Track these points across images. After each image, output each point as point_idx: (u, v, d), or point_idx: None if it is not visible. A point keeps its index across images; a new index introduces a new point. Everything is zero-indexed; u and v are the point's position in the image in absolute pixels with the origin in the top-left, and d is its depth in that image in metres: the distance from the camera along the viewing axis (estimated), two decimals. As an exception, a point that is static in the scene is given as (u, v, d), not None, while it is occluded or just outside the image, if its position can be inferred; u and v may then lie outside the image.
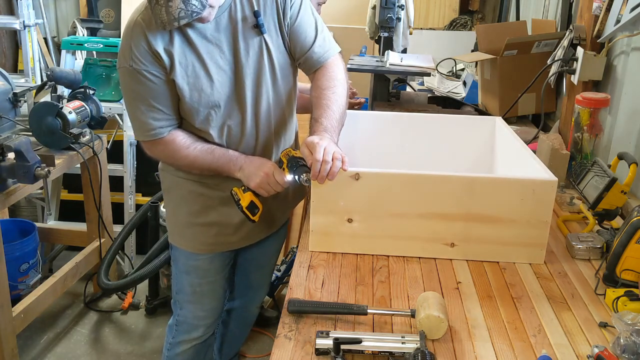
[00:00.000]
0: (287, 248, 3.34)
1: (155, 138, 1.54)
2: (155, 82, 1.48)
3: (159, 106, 1.51)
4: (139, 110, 1.52)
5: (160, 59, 1.46)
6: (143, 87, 1.48)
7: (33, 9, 3.49)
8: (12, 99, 2.47)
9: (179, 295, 1.82)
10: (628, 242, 1.36)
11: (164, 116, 1.52)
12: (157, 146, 1.57)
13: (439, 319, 1.16)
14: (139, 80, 1.48)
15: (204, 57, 1.49)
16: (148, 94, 1.49)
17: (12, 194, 2.17)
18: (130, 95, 1.53)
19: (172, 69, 1.47)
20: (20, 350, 2.43)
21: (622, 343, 1.14)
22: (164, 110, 1.52)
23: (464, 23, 4.07)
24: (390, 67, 2.51)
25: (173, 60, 1.46)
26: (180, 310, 1.83)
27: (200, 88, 1.50)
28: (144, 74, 1.47)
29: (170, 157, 1.59)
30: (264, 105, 1.60)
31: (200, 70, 1.49)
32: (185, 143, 1.55)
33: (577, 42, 2.17)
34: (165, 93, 1.50)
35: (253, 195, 1.52)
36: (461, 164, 1.92)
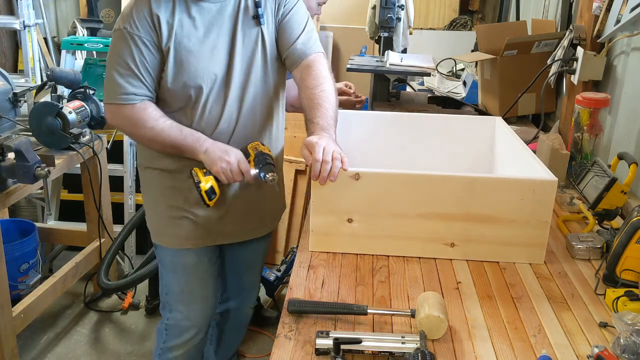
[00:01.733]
0: (287, 248, 3.34)
1: (127, 102, 1.52)
2: (144, 50, 1.49)
3: (140, 73, 1.51)
4: (117, 73, 1.51)
5: (159, 28, 1.48)
6: (129, 51, 1.49)
7: (33, 9, 3.49)
8: (12, 99, 2.47)
9: (168, 296, 1.80)
10: (628, 242, 1.36)
11: (141, 84, 1.52)
12: (124, 112, 1.53)
13: (439, 319, 1.16)
14: (128, 44, 1.49)
15: (201, 35, 1.52)
16: (132, 59, 1.49)
17: (12, 194, 2.17)
18: (114, 58, 1.52)
19: (168, 39, 1.49)
20: (20, 350, 2.43)
21: (622, 343, 1.14)
22: (144, 78, 1.52)
23: (464, 23, 4.08)
24: (390, 67, 2.51)
25: (171, 32, 1.49)
26: (170, 314, 1.81)
27: (189, 63, 1.51)
28: (135, 38, 1.48)
29: (133, 125, 1.55)
30: (250, 95, 1.61)
31: (194, 46, 1.51)
32: (154, 115, 1.53)
33: (577, 42, 2.17)
34: (151, 63, 1.51)
35: (214, 180, 1.52)
36: (461, 164, 1.92)
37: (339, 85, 2.71)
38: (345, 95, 2.62)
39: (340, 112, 2.06)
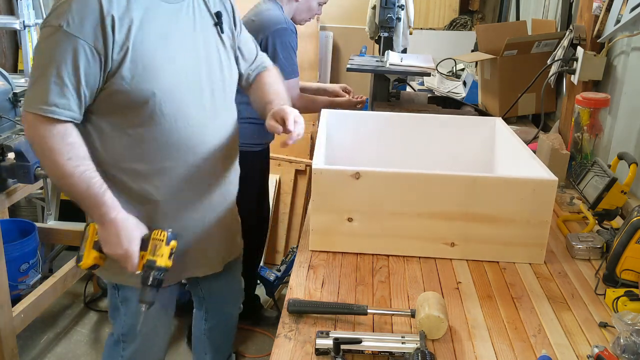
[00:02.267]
0: (287, 248, 3.34)
1: (51, 116, 1.27)
2: (83, 59, 1.26)
3: (74, 86, 1.27)
4: (48, 77, 1.26)
5: (111, 30, 1.26)
6: (66, 57, 1.25)
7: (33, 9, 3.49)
8: (12, 99, 2.46)
9: (126, 337, 1.61)
10: (628, 242, 1.36)
11: (73, 100, 1.28)
12: (43, 128, 1.28)
13: (439, 319, 1.16)
14: (66, 47, 1.24)
15: (162, 36, 1.35)
16: (68, 67, 1.25)
17: (12, 194, 2.17)
18: (44, 58, 1.27)
19: (125, 42, 1.28)
20: (20, 350, 2.43)
21: (622, 343, 1.14)
22: (77, 94, 1.28)
23: (464, 23, 4.07)
24: (390, 67, 2.51)
25: (128, 33, 1.28)
26: (124, 351, 1.63)
27: (152, 66, 1.33)
28: (76, 43, 1.24)
29: (47, 150, 1.29)
30: (216, 99, 1.50)
31: (157, 48, 1.33)
32: (76, 152, 1.31)
33: (577, 42, 2.17)
34: (91, 76, 1.28)
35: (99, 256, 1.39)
36: (461, 164, 1.92)
37: (335, 88, 2.72)
38: (343, 97, 2.63)
39: (341, 112, 2.07)
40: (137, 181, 1.43)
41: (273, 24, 2.24)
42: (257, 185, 2.55)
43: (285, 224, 3.40)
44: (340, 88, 2.71)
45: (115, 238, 1.36)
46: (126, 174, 1.43)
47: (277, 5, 2.33)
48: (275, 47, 2.24)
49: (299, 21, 2.47)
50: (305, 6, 2.40)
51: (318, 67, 3.72)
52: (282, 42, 2.24)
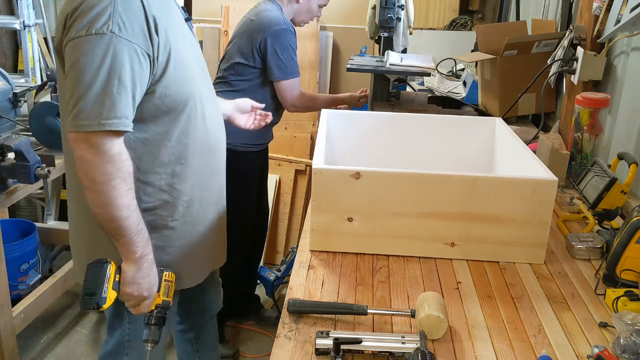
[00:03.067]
0: (287, 248, 3.34)
1: (123, 129, 1.19)
2: (141, 61, 1.20)
3: (133, 93, 1.20)
4: (111, 87, 1.16)
5: (155, 32, 1.22)
6: (124, 63, 1.18)
7: (33, 9, 3.49)
8: (12, 99, 2.47)
9: (132, 343, 1.53)
10: (628, 242, 1.36)
11: (133, 108, 1.22)
12: (110, 148, 1.19)
13: (439, 319, 1.16)
14: (122, 53, 1.17)
15: (182, 32, 1.34)
16: (127, 73, 1.18)
17: (12, 194, 2.17)
18: (100, 67, 1.16)
19: (166, 44, 1.24)
20: (20, 350, 2.43)
21: (622, 343, 1.14)
22: (134, 99, 1.22)
23: (464, 23, 4.07)
24: (390, 67, 2.52)
25: (167, 34, 1.25)
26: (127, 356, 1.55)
27: (184, 68, 1.30)
28: (130, 46, 1.18)
29: (110, 176, 1.20)
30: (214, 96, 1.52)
31: (182, 47, 1.31)
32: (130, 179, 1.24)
33: (577, 42, 2.17)
34: (144, 80, 1.23)
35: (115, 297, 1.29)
36: (461, 164, 1.92)
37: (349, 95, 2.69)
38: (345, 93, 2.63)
39: (340, 112, 2.08)
40: (172, 185, 1.39)
41: (272, 24, 2.25)
42: (256, 184, 2.55)
43: (285, 224, 3.40)
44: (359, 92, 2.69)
45: (143, 279, 1.30)
46: (159, 180, 1.37)
47: (276, 6, 2.33)
48: (275, 47, 2.24)
49: (299, 22, 2.47)
50: (306, 8, 2.41)
51: (318, 67, 3.72)
52: (281, 43, 2.25)
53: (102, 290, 1.24)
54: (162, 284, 1.36)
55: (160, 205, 1.39)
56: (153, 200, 1.37)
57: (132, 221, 1.25)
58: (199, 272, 1.57)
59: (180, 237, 1.45)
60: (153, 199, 1.37)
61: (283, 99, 2.37)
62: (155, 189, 1.37)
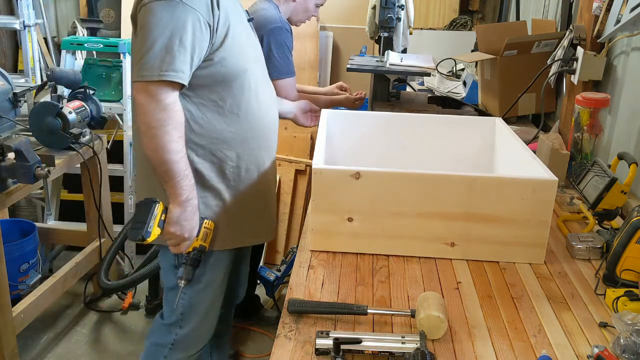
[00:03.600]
0: (287, 248, 3.34)
1: (178, 81, 1.36)
2: (199, 32, 1.37)
3: (191, 54, 1.37)
4: (172, 45, 1.34)
5: (215, 3, 1.40)
6: (186, 26, 1.35)
7: (33, 9, 3.49)
8: (12, 99, 2.47)
9: (185, 314, 1.65)
10: (628, 242, 1.36)
11: (189, 67, 1.38)
12: (165, 97, 1.36)
13: (439, 319, 1.16)
14: (185, 17, 1.35)
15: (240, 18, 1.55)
16: (187, 37, 1.35)
17: (12, 194, 2.17)
18: (163, 28, 1.34)
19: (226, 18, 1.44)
20: (20, 350, 2.43)
21: (622, 343, 1.14)
22: (192, 61, 1.38)
23: (464, 23, 4.07)
24: (390, 67, 2.51)
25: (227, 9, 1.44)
26: (181, 329, 1.67)
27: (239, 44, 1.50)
28: (193, 12, 1.35)
29: (162, 123, 1.37)
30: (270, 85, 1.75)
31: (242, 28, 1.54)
32: (182, 128, 1.40)
33: (577, 42, 2.17)
34: (203, 46, 1.40)
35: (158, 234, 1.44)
36: (461, 164, 1.92)
37: (330, 88, 2.71)
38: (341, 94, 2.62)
39: (341, 112, 2.07)
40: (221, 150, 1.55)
41: (268, 22, 2.24)
42: None
43: (285, 224, 3.40)
44: (336, 87, 2.71)
45: (185, 221, 1.45)
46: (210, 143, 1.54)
47: (273, 4, 2.32)
48: (270, 46, 2.23)
49: (296, 22, 2.46)
50: (302, 7, 2.40)
51: (318, 67, 3.72)
52: (277, 41, 2.23)
53: (148, 225, 1.40)
54: (202, 230, 1.50)
55: (209, 166, 1.55)
56: (202, 162, 1.54)
57: (180, 165, 1.41)
58: (234, 239, 1.67)
59: (224, 200, 1.60)
60: (202, 160, 1.54)
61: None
62: (205, 151, 1.54)
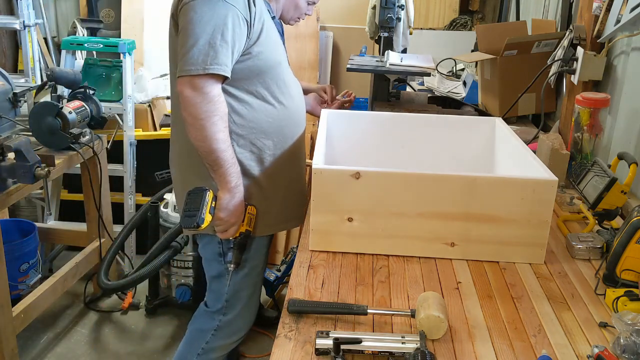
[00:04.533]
0: (287, 248, 3.34)
1: (223, 74, 1.45)
2: (239, 28, 1.46)
3: (232, 48, 1.45)
4: (215, 40, 1.42)
5: (252, 1, 1.50)
6: (226, 21, 1.43)
7: (33, 9, 3.49)
8: (12, 99, 2.46)
9: (230, 301, 1.73)
10: (628, 242, 1.36)
11: (231, 60, 1.47)
12: (211, 90, 1.44)
13: (439, 319, 1.16)
14: (225, 13, 1.43)
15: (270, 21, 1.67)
16: (228, 30, 1.44)
17: (12, 194, 2.17)
18: (206, 23, 1.43)
19: (261, 13, 1.53)
20: (20, 350, 2.43)
21: (622, 343, 1.14)
22: (233, 55, 1.47)
23: (464, 23, 4.07)
24: (390, 67, 2.51)
25: (261, 6, 1.55)
26: (225, 316, 1.75)
27: (276, 40, 1.64)
28: (232, 9, 1.44)
29: (209, 114, 1.45)
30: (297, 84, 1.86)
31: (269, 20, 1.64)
32: (226, 119, 1.50)
33: (577, 42, 2.17)
34: (242, 40, 1.49)
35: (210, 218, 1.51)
36: (461, 164, 1.92)
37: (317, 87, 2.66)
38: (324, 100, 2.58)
39: (341, 112, 2.07)
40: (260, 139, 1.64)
41: None
42: None
43: (286, 224, 3.39)
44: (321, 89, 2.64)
45: (234, 207, 1.53)
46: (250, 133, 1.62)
47: (264, 2, 2.30)
48: None
49: (288, 20, 2.43)
50: (292, 4, 2.37)
51: (318, 67, 3.72)
52: None
53: (201, 212, 1.45)
54: (246, 215, 1.59)
55: (249, 156, 1.63)
56: (243, 151, 1.62)
57: (228, 154, 1.50)
58: (273, 225, 1.76)
59: (262, 187, 1.68)
60: (243, 150, 1.62)
61: None
62: (245, 141, 1.62)
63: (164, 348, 2.67)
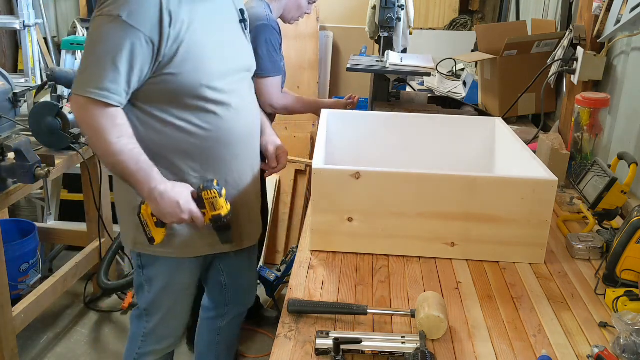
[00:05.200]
0: (287, 248, 3.34)
1: (104, 100, 1.35)
2: (140, 50, 1.34)
3: (127, 75, 1.35)
4: (103, 63, 1.34)
5: (168, 23, 1.35)
6: (122, 47, 1.33)
7: (33, 9, 3.49)
8: (12, 99, 2.46)
9: (149, 311, 1.70)
10: (628, 242, 1.36)
11: (122, 87, 1.36)
12: (94, 111, 1.36)
13: (439, 319, 1.16)
14: (123, 37, 1.32)
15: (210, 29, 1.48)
16: (123, 57, 1.33)
17: (12, 194, 2.17)
18: (101, 45, 1.35)
19: (178, 35, 1.38)
20: (20, 350, 2.43)
21: (622, 343, 1.14)
22: (129, 82, 1.37)
23: (464, 23, 4.07)
24: (390, 67, 2.51)
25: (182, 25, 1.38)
26: (148, 324, 1.72)
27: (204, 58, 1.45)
28: (133, 34, 1.32)
29: (99, 130, 1.37)
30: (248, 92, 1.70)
31: (206, 42, 1.46)
32: (121, 130, 1.38)
33: (577, 42, 2.17)
34: (144, 66, 1.37)
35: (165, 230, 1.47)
36: (461, 164, 1.92)
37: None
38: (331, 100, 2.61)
39: (341, 112, 2.07)
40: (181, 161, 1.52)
41: (254, 20, 2.22)
42: None
43: (285, 224, 3.40)
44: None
45: (171, 208, 1.42)
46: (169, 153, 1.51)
47: (263, 3, 2.30)
48: (256, 43, 2.21)
49: (289, 20, 2.44)
50: (295, 4, 2.37)
51: (318, 67, 3.72)
52: (263, 39, 2.20)
53: (147, 232, 1.45)
54: (205, 203, 1.46)
55: (171, 177, 1.50)
56: (163, 170, 1.49)
57: (129, 163, 1.39)
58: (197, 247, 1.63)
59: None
60: (164, 170, 1.49)
61: (260, 98, 2.28)
62: (165, 160, 1.50)
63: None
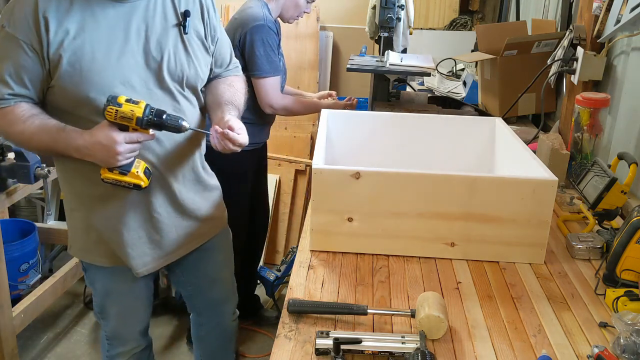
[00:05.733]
0: (287, 248, 3.34)
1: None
2: (20, 55, 1.34)
3: (16, 80, 1.36)
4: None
5: (45, 31, 1.32)
6: (5, 53, 1.35)
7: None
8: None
9: (102, 314, 1.71)
10: (628, 242, 1.36)
11: (16, 88, 1.37)
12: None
13: (439, 319, 1.16)
14: (6, 45, 1.34)
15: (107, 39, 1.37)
16: (7, 63, 1.35)
17: (12, 194, 2.18)
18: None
19: (60, 45, 1.33)
20: (20, 350, 2.43)
21: (622, 343, 1.14)
22: (22, 84, 1.37)
23: (464, 23, 4.07)
24: (390, 67, 2.51)
25: (66, 35, 1.33)
26: (106, 327, 1.73)
27: (92, 71, 1.35)
28: (12, 40, 1.33)
29: (4, 131, 1.41)
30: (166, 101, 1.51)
31: (100, 50, 1.36)
32: (22, 115, 1.37)
33: (577, 42, 2.17)
34: (29, 69, 1.35)
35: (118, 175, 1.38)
36: (461, 164, 1.92)
37: (322, 94, 2.70)
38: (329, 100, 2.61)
39: (341, 112, 2.07)
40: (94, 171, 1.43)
41: (251, 20, 2.22)
42: (251, 184, 2.53)
43: (285, 224, 3.40)
44: (326, 94, 2.68)
45: (101, 152, 1.34)
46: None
47: (261, 3, 2.30)
48: (253, 43, 2.21)
49: (288, 19, 2.44)
50: (293, 3, 2.37)
51: (318, 67, 3.72)
52: (259, 39, 2.21)
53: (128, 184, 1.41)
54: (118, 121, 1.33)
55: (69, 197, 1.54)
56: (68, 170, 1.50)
57: (47, 137, 1.37)
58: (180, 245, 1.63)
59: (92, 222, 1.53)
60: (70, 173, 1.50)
61: (258, 98, 2.30)
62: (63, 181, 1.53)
63: (163, 348, 2.67)
